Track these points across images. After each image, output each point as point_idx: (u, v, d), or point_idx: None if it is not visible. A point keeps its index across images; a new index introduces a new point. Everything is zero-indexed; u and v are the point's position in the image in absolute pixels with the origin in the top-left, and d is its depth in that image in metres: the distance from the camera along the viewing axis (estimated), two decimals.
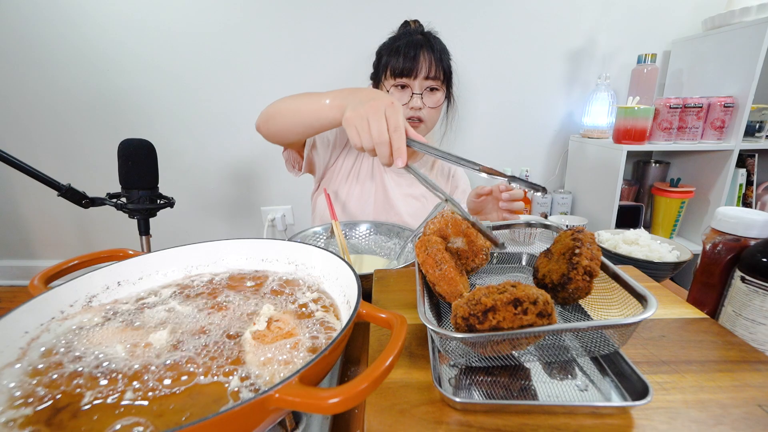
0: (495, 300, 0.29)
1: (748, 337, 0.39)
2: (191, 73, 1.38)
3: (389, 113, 0.50)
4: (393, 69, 0.85)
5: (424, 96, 0.86)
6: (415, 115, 0.86)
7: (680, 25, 1.35)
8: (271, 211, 1.59)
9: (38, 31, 1.33)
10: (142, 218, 0.88)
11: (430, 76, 0.84)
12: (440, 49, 0.85)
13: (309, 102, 0.69)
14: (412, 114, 0.86)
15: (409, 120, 0.87)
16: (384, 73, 0.87)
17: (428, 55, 0.83)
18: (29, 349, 0.32)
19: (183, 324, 0.36)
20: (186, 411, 0.26)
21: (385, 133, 0.49)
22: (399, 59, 0.83)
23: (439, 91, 0.87)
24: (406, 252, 0.70)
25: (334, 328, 0.35)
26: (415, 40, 0.84)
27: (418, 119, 0.87)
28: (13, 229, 1.65)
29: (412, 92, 0.85)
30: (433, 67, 0.83)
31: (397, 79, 0.85)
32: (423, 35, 0.87)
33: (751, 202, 1.29)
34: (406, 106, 0.85)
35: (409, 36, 0.86)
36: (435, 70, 0.84)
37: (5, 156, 0.68)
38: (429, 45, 0.84)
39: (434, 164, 1.01)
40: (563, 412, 0.29)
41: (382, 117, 0.50)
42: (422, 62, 0.83)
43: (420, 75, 0.83)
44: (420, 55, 0.83)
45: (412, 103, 0.85)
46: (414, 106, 0.85)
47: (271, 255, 0.47)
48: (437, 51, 0.84)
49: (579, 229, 0.39)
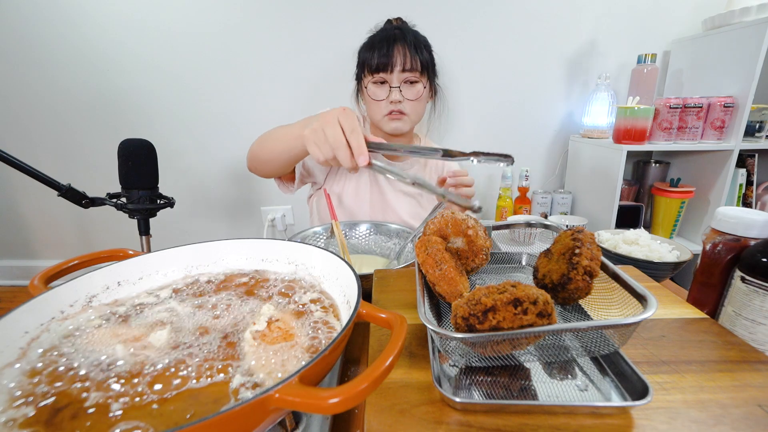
0: (495, 300, 0.29)
1: (748, 337, 0.39)
2: (191, 73, 1.38)
3: (342, 119, 0.51)
4: (369, 65, 0.85)
5: (403, 89, 0.85)
6: (395, 108, 0.86)
7: (680, 25, 1.35)
8: (271, 211, 1.59)
9: (38, 31, 1.33)
10: (142, 218, 0.88)
11: (407, 68, 0.83)
12: (414, 41, 0.85)
13: (280, 141, 0.71)
14: (393, 108, 0.86)
15: (391, 114, 0.87)
16: (363, 70, 0.88)
17: (402, 47, 0.83)
18: (29, 349, 0.32)
19: (183, 324, 0.36)
20: (186, 411, 0.26)
21: (342, 137, 0.51)
22: (374, 55, 0.83)
23: (418, 83, 0.87)
24: (406, 252, 0.70)
25: (334, 328, 0.35)
26: (389, 34, 0.84)
27: (399, 112, 0.87)
28: (13, 229, 1.65)
29: (390, 86, 0.85)
30: (409, 59, 0.83)
31: (374, 75, 0.85)
32: (399, 29, 0.86)
33: (751, 202, 1.29)
34: (387, 100, 0.85)
35: (384, 32, 0.86)
36: (411, 62, 0.83)
37: (5, 156, 0.68)
38: (402, 37, 0.84)
39: (427, 162, 1.01)
40: (563, 412, 0.29)
41: (336, 123, 0.51)
42: (397, 55, 0.83)
43: (396, 68, 0.83)
44: (394, 48, 0.83)
45: (391, 96, 0.85)
46: (394, 100, 0.85)
47: (271, 255, 0.47)
48: (411, 43, 0.84)
49: (579, 229, 0.39)
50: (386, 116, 0.87)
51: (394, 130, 0.89)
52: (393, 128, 0.89)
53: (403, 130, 0.90)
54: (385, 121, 0.88)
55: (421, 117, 0.93)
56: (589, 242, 0.37)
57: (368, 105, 0.90)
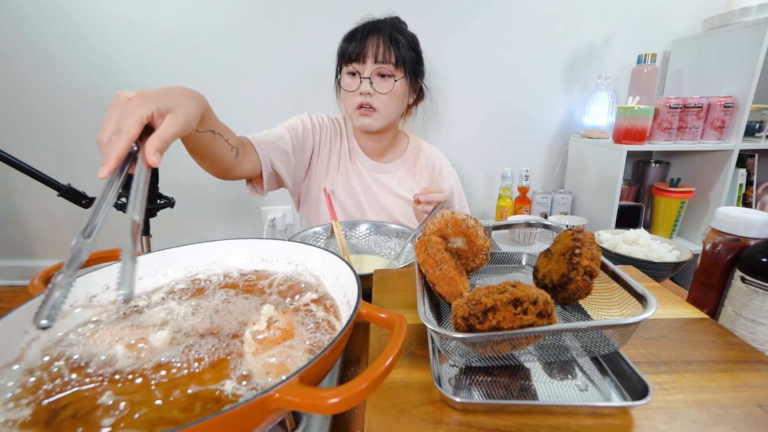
0: (495, 300, 0.29)
1: (748, 337, 0.39)
2: (191, 73, 1.38)
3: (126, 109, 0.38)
4: (343, 54, 0.82)
5: (374, 81, 0.81)
6: (365, 101, 0.82)
7: (680, 25, 1.35)
8: (271, 211, 1.59)
9: (38, 31, 1.33)
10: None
11: (379, 59, 0.79)
12: (393, 34, 0.80)
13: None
14: (362, 100, 0.82)
15: (361, 109, 0.83)
16: (340, 62, 0.85)
17: (377, 38, 0.79)
18: (29, 349, 0.32)
19: (183, 324, 0.36)
20: (186, 411, 0.26)
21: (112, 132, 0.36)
22: (350, 45, 0.80)
23: (391, 78, 0.82)
24: (406, 252, 0.70)
25: (334, 328, 0.35)
26: (368, 25, 0.81)
27: (369, 107, 0.83)
28: (13, 229, 1.65)
29: (360, 78, 0.81)
30: (382, 50, 0.79)
31: (347, 66, 0.82)
32: (380, 21, 0.83)
33: (751, 202, 1.29)
34: (356, 91, 0.82)
35: (364, 23, 0.83)
36: (384, 53, 0.79)
37: (5, 156, 0.68)
38: (380, 29, 0.80)
39: (417, 160, 0.98)
40: (563, 412, 0.29)
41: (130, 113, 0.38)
42: (369, 46, 0.79)
43: (368, 59, 0.79)
44: (368, 38, 0.79)
45: (361, 88, 0.81)
46: (363, 92, 0.81)
47: (271, 255, 0.47)
48: (388, 35, 0.80)
49: (579, 229, 0.39)
50: (356, 110, 0.84)
51: (363, 126, 0.86)
52: (362, 124, 0.85)
53: (372, 128, 0.86)
54: (356, 116, 0.85)
55: (395, 116, 0.88)
56: (589, 242, 0.37)
57: (343, 97, 0.87)
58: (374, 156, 0.96)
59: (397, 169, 0.97)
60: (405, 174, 0.97)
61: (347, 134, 0.96)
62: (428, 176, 0.99)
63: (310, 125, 0.90)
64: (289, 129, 0.85)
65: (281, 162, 0.81)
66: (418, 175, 0.98)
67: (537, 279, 0.42)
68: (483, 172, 1.55)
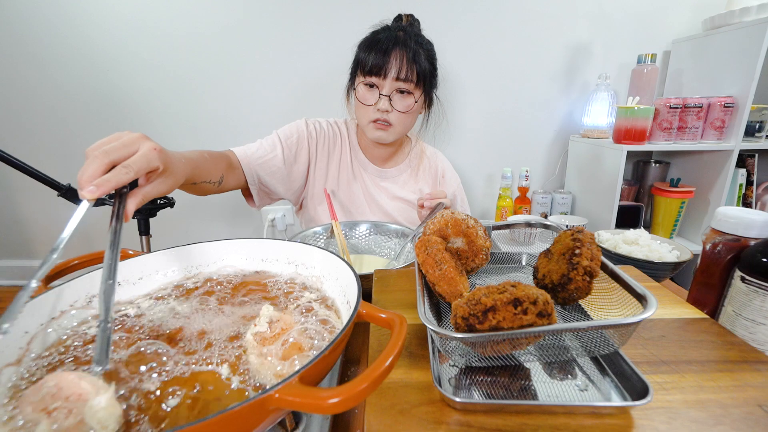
0: (495, 300, 0.29)
1: (748, 337, 0.39)
2: (191, 73, 1.38)
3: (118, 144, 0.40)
4: (363, 65, 0.79)
5: (393, 99, 0.80)
6: (381, 117, 0.81)
7: (680, 25, 1.35)
8: (271, 211, 1.59)
9: (38, 31, 1.33)
10: (142, 218, 0.88)
11: (401, 77, 0.78)
12: (417, 50, 0.78)
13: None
14: (379, 116, 0.81)
15: (377, 122, 0.82)
16: (357, 69, 0.83)
17: (401, 53, 0.77)
18: (29, 349, 0.32)
19: (183, 324, 0.36)
20: (187, 411, 0.26)
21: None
22: (370, 55, 0.77)
23: (410, 96, 0.81)
24: (406, 252, 0.70)
25: (334, 328, 0.35)
26: (392, 36, 0.78)
27: (385, 122, 0.82)
28: (13, 229, 1.64)
29: (380, 93, 0.80)
30: (405, 68, 0.77)
31: (366, 77, 0.79)
32: (404, 32, 0.80)
33: (751, 202, 1.29)
34: (374, 106, 0.81)
35: (388, 31, 0.79)
36: (407, 71, 0.77)
37: (5, 156, 0.68)
38: (405, 43, 0.77)
39: (420, 164, 0.98)
40: (563, 412, 0.29)
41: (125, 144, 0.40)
42: (393, 61, 0.77)
43: (390, 75, 0.78)
44: (392, 53, 0.77)
45: (379, 104, 0.80)
46: (381, 108, 0.80)
47: (271, 255, 0.47)
48: (412, 50, 0.77)
49: (579, 229, 0.39)
50: (371, 123, 0.83)
51: (377, 139, 0.85)
52: (376, 137, 0.85)
53: (386, 141, 0.86)
54: (370, 128, 0.84)
55: (408, 129, 0.88)
56: (589, 242, 0.37)
57: (356, 106, 0.86)
58: (379, 162, 0.95)
59: (400, 173, 0.96)
60: (408, 178, 0.97)
61: (349, 140, 0.94)
62: (431, 180, 0.98)
63: (306, 134, 0.88)
64: (283, 139, 0.84)
65: (272, 176, 0.82)
66: (421, 179, 0.97)
67: (537, 279, 0.42)
68: (483, 172, 1.55)
